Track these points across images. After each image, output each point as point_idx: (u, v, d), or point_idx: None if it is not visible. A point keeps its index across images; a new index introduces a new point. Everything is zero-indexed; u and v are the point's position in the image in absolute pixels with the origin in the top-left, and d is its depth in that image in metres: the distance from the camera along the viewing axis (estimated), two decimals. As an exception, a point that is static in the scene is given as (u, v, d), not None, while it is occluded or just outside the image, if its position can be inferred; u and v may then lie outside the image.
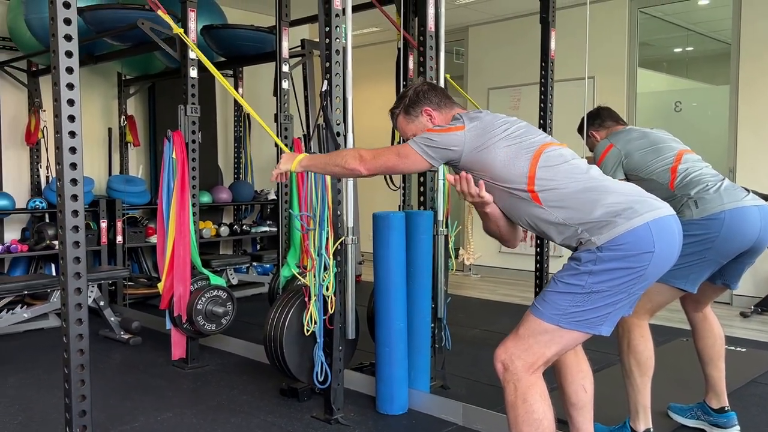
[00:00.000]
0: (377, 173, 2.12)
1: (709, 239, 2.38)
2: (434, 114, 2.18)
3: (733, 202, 2.42)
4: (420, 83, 2.28)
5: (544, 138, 2.03)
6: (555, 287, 1.87)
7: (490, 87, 6.88)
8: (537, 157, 1.94)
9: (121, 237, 5.09)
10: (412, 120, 2.21)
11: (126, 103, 5.77)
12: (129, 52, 4.52)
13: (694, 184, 2.51)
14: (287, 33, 4.08)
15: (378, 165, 2.10)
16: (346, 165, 2.13)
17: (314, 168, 2.36)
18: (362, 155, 2.11)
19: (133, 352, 4.06)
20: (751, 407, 3.09)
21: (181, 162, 3.55)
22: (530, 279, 5.94)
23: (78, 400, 2.18)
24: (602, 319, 1.84)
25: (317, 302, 2.87)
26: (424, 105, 2.19)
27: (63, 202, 2.13)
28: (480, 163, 1.98)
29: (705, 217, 2.40)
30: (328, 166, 2.27)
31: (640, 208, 1.83)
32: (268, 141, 6.56)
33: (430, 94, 2.20)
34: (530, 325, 1.89)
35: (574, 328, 1.84)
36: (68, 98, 2.12)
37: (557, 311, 1.84)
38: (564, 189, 1.89)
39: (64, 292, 2.14)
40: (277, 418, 2.96)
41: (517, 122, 2.07)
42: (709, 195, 2.45)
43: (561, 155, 1.97)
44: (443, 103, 2.20)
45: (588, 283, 1.81)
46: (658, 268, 1.84)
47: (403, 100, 2.24)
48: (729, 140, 5.47)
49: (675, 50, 8.20)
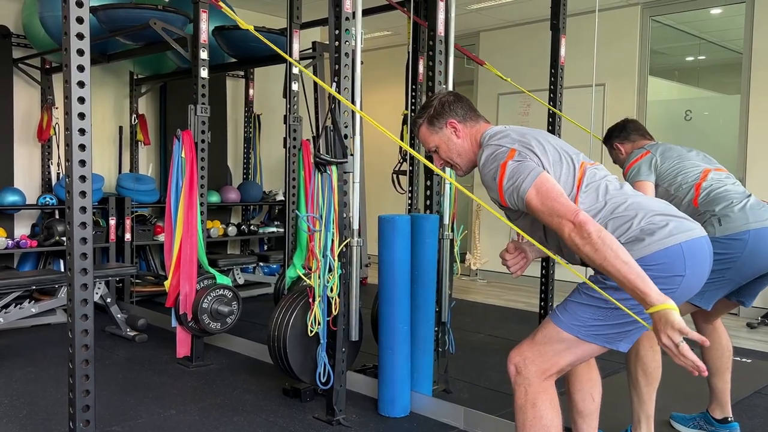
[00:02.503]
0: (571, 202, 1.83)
1: (730, 259, 2.35)
2: (459, 127, 2.08)
3: (758, 222, 2.37)
4: (446, 93, 2.18)
5: (579, 156, 1.97)
6: (579, 298, 1.84)
7: (500, 93, 6.88)
8: (580, 180, 1.89)
9: (129, 235, 5.13)
10: (436, 132, 2.11)
11: (137, 102, 5.82)
12: (141, 51, 4.56)
13: (718, 201, 2.48)
14: (298, 35, 4.10)
15: (569, 206, 1.75)
16: (587, 232, 1.68)
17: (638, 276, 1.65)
18: (568, 224, 1.72)
19: (139, 349, 4.09)
20: (754, 418, 3.07)
21: (190, 161, 3.58)
22: (535, 285, 5.95)
23: (82, 394, 2.20)
24: (622, 335, 1.82)
25: (321, 303, 2.89)
26: (449, 117, 2.09)
27: (71, 199, 2.15)
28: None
29: (728, 236, 2.37)
30: (620, 254, 1.65)
31: (674, 228, 1.78)
32: (278, 142, 6.58)
33: (455, 105, 2.10)
34: (548, 332, 1.86)
35: (593, 341, 1.82)
36: (79, 96, 2.15)
37: (577, 322, 1.82)
38: (599, 209, 1.85)
39: (70, 287, 2.16)
40: (279, 418, 2.97)
41: (547, 137, 1.98)
42: (734, 213, 2.41)
43: (596, 174, 1.92)
44: (468, 116, 2.10)
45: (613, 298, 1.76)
46: (687, 291, 1.82)
47: (428, 110, 2.13)
48: (739, 149, 5.45)
49: (687, 59, 8.18)
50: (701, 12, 6.22)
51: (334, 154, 2.83)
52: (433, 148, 2.15)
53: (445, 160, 2.15)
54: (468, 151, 2.10)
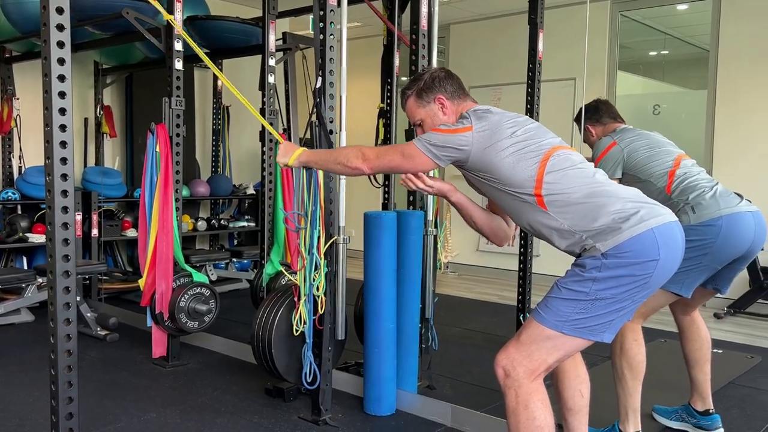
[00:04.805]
0: (380, 172, 2.09)
1: (706, 245, 2.41)
2: (447, 103, 2.13)
3: (729, 207, 2.45)
4: (437, 69, 2.21)
5: (553, 140, 2.01)
6: (558, 293, 1.85)
7: (471, 86, 6.89)
8: (545, 160, 1.92)
9: (96, 230, 4.97)
10: (423, 105, 2.15)
11: (102, 93, 5.63)
12: (111, 41, 4.41)
13: (690, 190, 2.54)
14: (274, 26, 4.01)
15: (382, 164, 2.08)
16: (348, 163, 2.11)
17: (314, 164, 2.34)
18: (365, 153, 2.08)
19: (111, 349, 3.97)
20: (731, 409, 3.14)
21: (165, 156, 3.47)
22: (506, 277, 5.99)
23: (65, 402, 2.11)
24: (605, 326, 1.84)
25: (307, 302, 2.84)
26: (438, 92, 2.13)
27: (52, 198, 2.05)
28: (487, 164, 1.96)
29: (702, 223, 2.43)
30: (328, 163, 2.24)
31: (646, 215, 1.82)
32: (247, 134, 6.48)
33: (445, 82, 2.14)
34: (533, 332, 1.87)
35: (577, 335, 1.84)
36: (59, 90, 2.04)
37: (560, 318, 1.83)
38: (570, 194, 1.88)
39: (52, 290, 2.07)
40: (264, 419, 2.91)
41: (527, 123, 2.03)
42: (706, 201, 2.48)
43: (569, 159, 1.95)
44: (457, 94, 2.15)
45: (592, 290, 1.80)
46: (663, 276, 1.84)
47: (417, 82, 2.17)
48: (705, 144, 5.57)
49: (650, 53, 8.32)
50: (668, 7, 6.32)
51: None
52: (418, 121, 2.19)
53: None
54: None
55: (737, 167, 5.34)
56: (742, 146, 5.36)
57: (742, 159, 5.34)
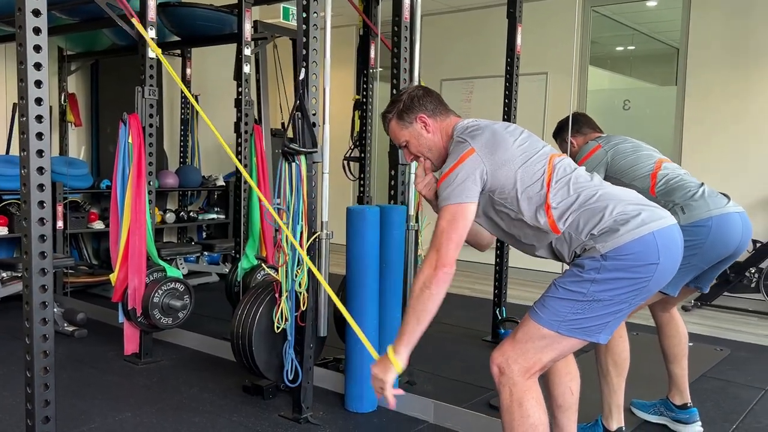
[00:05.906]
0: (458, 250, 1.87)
1: (696, 245, 2.42)
2: (429, 121, 2.08)
3: (719, 208, 2.47)
4: (414, 88, 2.17)
5: (545, 149, 2.00)
6: (555, 293, 1.84)
7: (443, 78, 6.87)
8: (549, 176, 1.91)
9: (61, 222, 4.81)
10: (406, 126, 2.10)
11: (67, 81, 5.44)
12: (79, 27, 4.25)
13: (676, 190, 2.56)
14: (250, 14, 3.92)
15: (452, 247, 1.85)
16: (431, 289, 1.83)
17: (416, 336, 1.88)
18: (431, 262, 1.84)
19: (80, 345, 3.85)
20: (706, 402, 3.19)
21: (137, 147, 3.37)
22: (477, 270, 5.99)
23: (41, 405, 2.03)
24: (601, 327, 1.83)
25: (289, 299, 2.78)
26: (419, 111, 2.08)
27: (28, 193, 1.96)
28: (497, 184, 1.92)
29: (692, 223, 2.45)
30: (419, 314, 1.86)
31: (647, 218, 1.82)
32: (217, 124, 6.27)
33: (425, 100, 2.09)
34: (528, 330, 1.86)
35: (573, 335, 1.83)
36: (35, 79, 1.96)
37: (557, 318, 1.82)
38: (573, 204, 1.87)
39: (27, 289, 1.98)
40: (244, 418, 2.85)
41: (517, 129, 2.02)
42: (695, 201, 2.50)
43: (565, 168, 1.95)
44: (438, 110, 2.10)
45: (590, 291, 1.79)
46: (661, 279, 1.84)
47: (397, 104, 2.12)
48: (675, 140, 5.65)
49: (617, 48, 8.41)
50: (637, 3, 6.39)
51: (303, 143, 2.72)
52: (403, 143, 2.14)
53: (415, 154, 2.14)
54: (438, 146, 2.09)
55: (706, 162, 5.43)
56: (711, 142, 5.46)
57: (709, 154, 5.44)
